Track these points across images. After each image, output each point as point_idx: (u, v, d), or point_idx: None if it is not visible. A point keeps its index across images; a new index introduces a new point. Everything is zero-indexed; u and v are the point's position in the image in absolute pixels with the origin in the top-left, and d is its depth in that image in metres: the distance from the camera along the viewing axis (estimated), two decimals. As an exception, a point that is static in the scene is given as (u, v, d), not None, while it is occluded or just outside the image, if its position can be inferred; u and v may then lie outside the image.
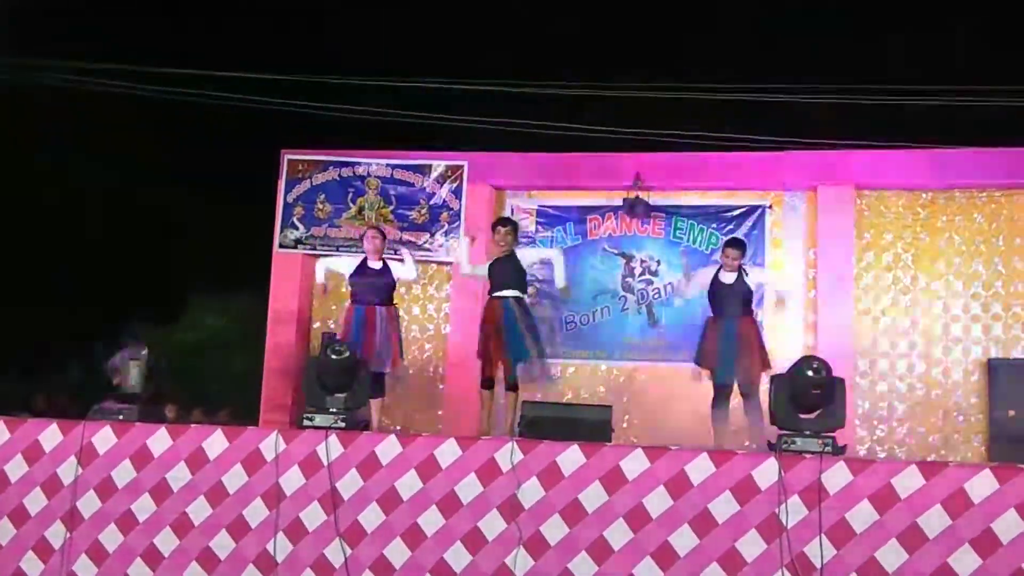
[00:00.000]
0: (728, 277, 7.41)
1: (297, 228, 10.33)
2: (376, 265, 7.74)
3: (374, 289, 7.68)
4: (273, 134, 11.31)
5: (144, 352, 6.80)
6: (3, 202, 14.09)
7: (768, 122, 10.88)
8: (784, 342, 9.19)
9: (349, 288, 7.83)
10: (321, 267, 8.05)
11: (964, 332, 9.28)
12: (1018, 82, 10.44)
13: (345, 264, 7.92)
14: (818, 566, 4.95)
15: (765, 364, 7.27)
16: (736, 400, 7.32)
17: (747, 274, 7.46)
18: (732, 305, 7.35)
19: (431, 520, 5.38)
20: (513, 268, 7.48)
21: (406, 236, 10.09)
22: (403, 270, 7.83)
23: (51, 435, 5.87)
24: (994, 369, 9.02)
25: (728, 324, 7.30)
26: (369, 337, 7.41)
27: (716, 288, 7.44)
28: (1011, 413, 8.75)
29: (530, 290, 7.59)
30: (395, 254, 9.78)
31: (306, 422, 5.82)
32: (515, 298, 7.40)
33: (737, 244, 7.63)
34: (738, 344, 7.19)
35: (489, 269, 7.59)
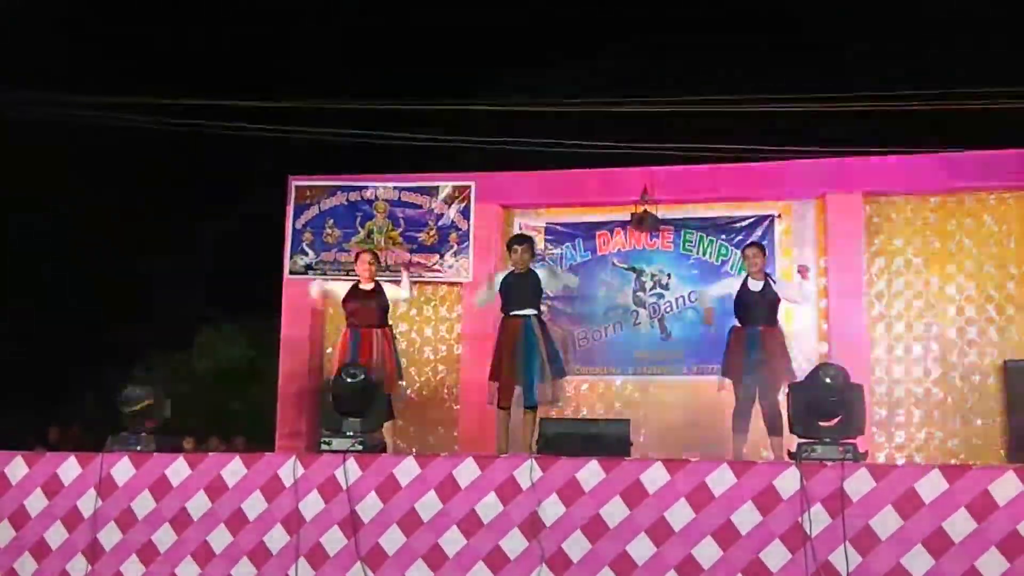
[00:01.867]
0: (755, 285, 7.33)
1: (307, 254, 10.34)
2: (368, 287, 7.80)
3: (368, 311, 7.74)
4: (281, 160, 11.36)
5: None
6: (12, 233, 14.20)
7: (774, 131, 10.89)
8: (798, 351, 9.15)
9: (344, 312, 7.89)
10: (316, 287, 8.12)
11: (979, 335, 9.23)
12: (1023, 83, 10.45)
13: (340, 287, 7.99)
14: (844, 574, 4.92)
15: (790, 374, 7.19)
16: (755, 409, 7.28)
17: (775, 282, 7.41)
18: (759, 314, 7.28)
19: (452, 540, 5.36)
20: (531, 286, 7.44)
21: (415, 258, 10.09)
22: (397, 291, 7.92)
23: (69, 468, 5.88)
24: (1010, 371, 8.95)
25: (754, 333, 7.24)
26: (366, 360, 7.45)
27: (743, 296, 7.37)
28: (1029, 415, 8.69)
29: (542, 307, 7.54)
30: (397, 275, 9.91)
31: (323, 446, 5.81)
32: (535, 316, 7.37)
33: (757, 245, 7.59)
34: (764, 354, 7.13)
35: (503, 287, 7.53)
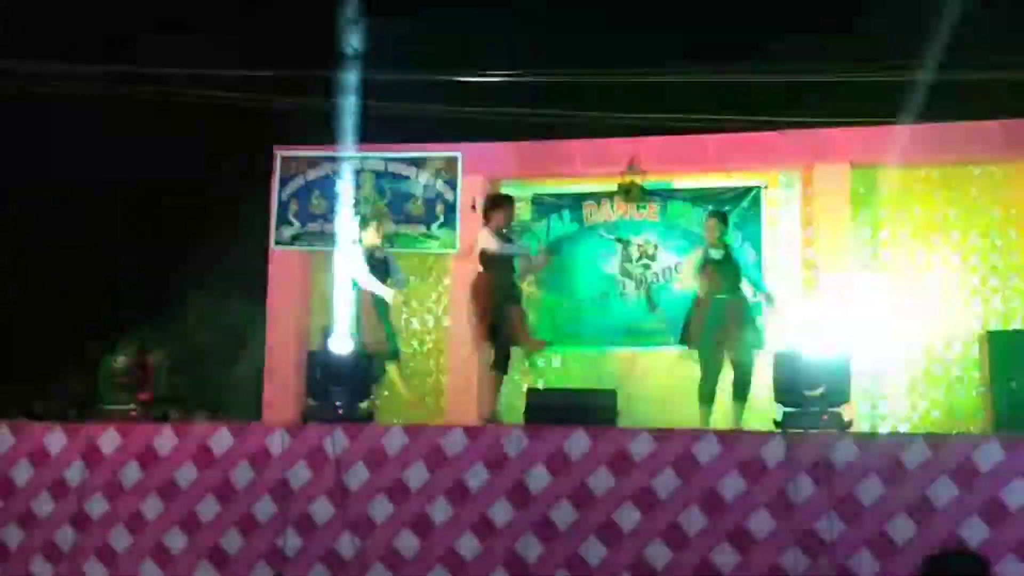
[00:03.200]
0: (716, 253, 7.35)
1: (292, 224, 10.31)
2: (382, 256, 7.89)
3: (383, 278, 7.87)
4: (266, 132, 11.26)
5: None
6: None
7: (762, 102, 10.85)
8: (783, 321, 9.18)
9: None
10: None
11: (963, 305, 9.28)
12: (1009, 54, 10.43)
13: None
14: (828, 542, 4.97)
15: (756, 342, 7.22)
16: (730, 378, 7.31)
17: (735, 250, 7.42)
18: (721, 282, 7.29)
19: (440, 510, 5.40)
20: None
21: (402, 229, 10.07)
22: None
23: (56, 438, 5.88)
24: (994, 341, 8.99)
25: (716, 302, 7.24)
26: (382, 322, 7.67)
27: (704, 266, 7.40)
28: (1012, 384, 8.74)
29: (530, 278, 7.58)
30: (391, 246, 9.89)
31: (311, 416, 5.82)
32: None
33: (716, 215, 7.58)
34: (726, 322, 7.13)
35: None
